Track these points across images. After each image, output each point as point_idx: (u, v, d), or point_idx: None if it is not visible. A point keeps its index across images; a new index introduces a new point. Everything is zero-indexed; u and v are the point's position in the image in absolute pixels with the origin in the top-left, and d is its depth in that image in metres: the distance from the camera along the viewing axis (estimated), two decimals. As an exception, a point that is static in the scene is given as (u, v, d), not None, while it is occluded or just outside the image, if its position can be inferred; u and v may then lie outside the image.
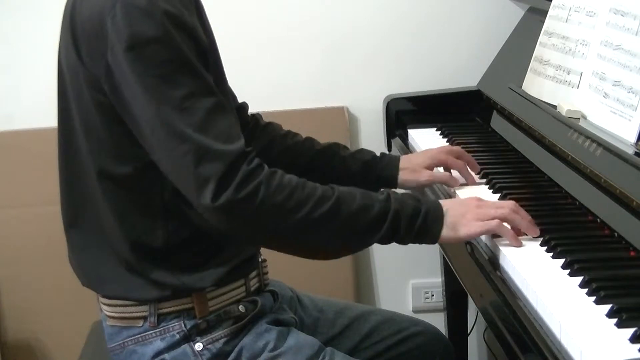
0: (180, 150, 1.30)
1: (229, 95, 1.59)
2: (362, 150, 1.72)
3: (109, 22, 1.29)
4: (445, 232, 1.39)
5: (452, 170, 1.72)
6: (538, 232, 1.40)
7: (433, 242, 1.41)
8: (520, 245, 1.38)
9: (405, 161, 1.70)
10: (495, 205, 1.43)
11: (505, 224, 1.40)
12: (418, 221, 1.38)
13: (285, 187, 1.33)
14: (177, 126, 1.29)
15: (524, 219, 1.40)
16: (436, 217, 1.39)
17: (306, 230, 1.35)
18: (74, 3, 1.38)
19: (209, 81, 1.34)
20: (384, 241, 1.39)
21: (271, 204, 1.31)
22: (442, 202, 1.43)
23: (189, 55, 1.31)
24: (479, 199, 1.45)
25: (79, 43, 1.36)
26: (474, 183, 1.70)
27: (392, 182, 1.69)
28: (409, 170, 1.69)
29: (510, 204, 1.42)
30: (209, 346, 1.45)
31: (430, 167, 1.70)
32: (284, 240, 1.38)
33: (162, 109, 1.29)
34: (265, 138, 1.69)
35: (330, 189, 1.37)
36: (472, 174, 1.71)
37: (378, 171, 1.69)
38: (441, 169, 1.73)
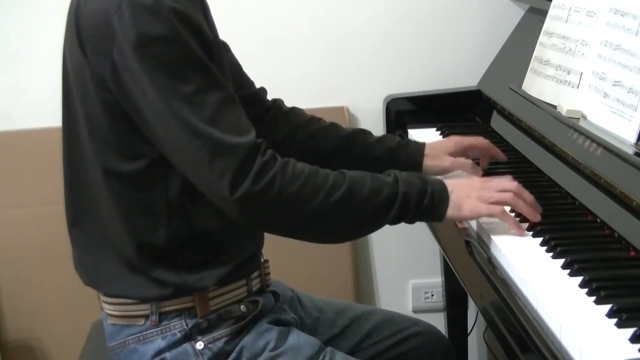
0: (194, 145, 1.31)
1: (245, 79, 1.65)
2: (387, 136, 1.74)
3: (116, 21, 1.30)
4: (450, 212, 1.43)
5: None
6: (539, 218, 1.43)
7: (439, 221, 1.45)
8: (523, 232, 1.41)
9: (430, 148, 1.72)
10: (499, 188, 1.45)
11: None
12: (425, 202, 1.42)
13: (299, 176, 1.35)
14: (190, 121, 1.30)
15: (526, 203, 1.44)
16: (442, 197, 1.43)
17: (320, 218, 1.38)
18: (79, 1, 1.38)
19: (217, 75, 1.35)
20: (393, 222, 1.43)
21: (287, 195, 1.34)
22: (447, 182, 1.46)
23: (197, 51, 1.32)
24: (484, 180, 1.49)
25: (84, 41, 1.36)
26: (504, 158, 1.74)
27: (417, 169, 1.70)
28: (432, 156, 1.71)
29: (513, 186, 1.45)
30: (209, 345, 1.45)
31: (455, 154, 1.71)
32: (299, 228, 1.41)
33: (173, 105, 1.30)
34: (290, 124, 1.71)
35: (341, 175, 1.40)
36: (502, 154, 1.73)
37: (403, 158, 1.70)
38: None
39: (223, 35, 1.58)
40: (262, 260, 1.56)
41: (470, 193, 1.44)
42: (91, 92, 1.37)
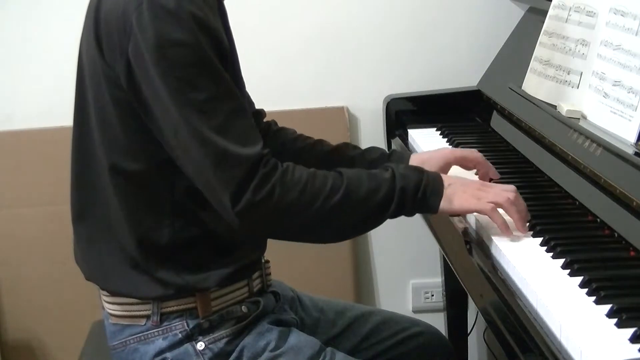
0: (201, 153, 1.31)
1: (246, 98, 1.61)
2: (372, 149, 1.70)
3: (135, 19, 1.30)
4: (443, 204, 1.43)
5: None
6: (525, 230, 1.42)
7: (433, 213, 1.45)
8: (510, 234, 1.40)
9: (415, 161, 1.66)
10: (495, 191, 1.45)
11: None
12: (419, 194, 1.42)
13: (297, 183, 1.36)
14: (199, 128, 1.31)
15: (518, 212, 1.42)
16: (436, 190, 1.43)
17: (321, 221, 1.38)
18: None
19: (230, 84, 1.35)
20: (393, 216, 1.43)
21: (286, 202, 1.34)
22: (446, 176, 1.46)
23: (212, 59, 1.32)
24: (483, 183, 1.50)
25: (101, 36, 1.36)
26: (497, 176, 1.65)
27: None
28: None
29: (510, 191, 1.44)
30: (210, 346, 1.45)
31: (444, 169, 1.64)
32: (299, 234, 1.42)
33: (184, 111, 1.30)
34: (276, 142, 1.69)
35: (339, 176, 1.40)
36: (494, 171, 1.66)
37: None
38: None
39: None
40: (263, 260, 1.57)
41: (467, 189, 1.44)
42: (104, 88, 1.38)
